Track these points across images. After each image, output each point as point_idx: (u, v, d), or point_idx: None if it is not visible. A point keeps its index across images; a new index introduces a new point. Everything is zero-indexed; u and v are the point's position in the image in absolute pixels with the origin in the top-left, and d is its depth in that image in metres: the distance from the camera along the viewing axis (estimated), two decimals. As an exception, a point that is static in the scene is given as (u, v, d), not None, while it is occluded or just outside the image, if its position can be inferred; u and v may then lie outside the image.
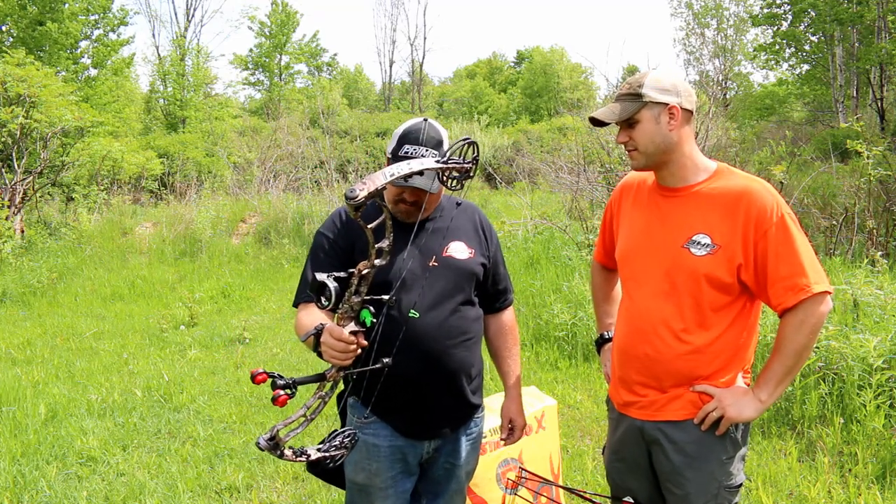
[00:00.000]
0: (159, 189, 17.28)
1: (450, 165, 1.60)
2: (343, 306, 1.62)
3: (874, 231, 6.92)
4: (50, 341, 6.66)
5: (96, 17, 21.34)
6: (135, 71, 29.80)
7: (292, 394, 1.59)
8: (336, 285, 1.58)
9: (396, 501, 2.02)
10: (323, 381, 1.67)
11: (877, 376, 3.70)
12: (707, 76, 28.51)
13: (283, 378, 1.57)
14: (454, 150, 1.62)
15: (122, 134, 20.27)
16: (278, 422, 1.60)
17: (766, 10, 22.61)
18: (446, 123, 28.55)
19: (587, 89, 39.53)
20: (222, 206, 12.72)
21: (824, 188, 8.72)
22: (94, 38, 21.69)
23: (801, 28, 21.64)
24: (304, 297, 2.01)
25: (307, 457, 1.63)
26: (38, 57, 17.02)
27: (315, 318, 1.89)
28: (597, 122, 1.91)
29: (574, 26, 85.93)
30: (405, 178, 1.68)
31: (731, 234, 1.79)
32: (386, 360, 1.69)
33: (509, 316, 2.26)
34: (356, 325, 1.62)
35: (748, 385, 1.90)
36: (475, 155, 1.64)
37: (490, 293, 2.18)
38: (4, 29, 19.06)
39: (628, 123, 1.85)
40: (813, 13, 20.25)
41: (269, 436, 1.56)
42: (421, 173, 1.56)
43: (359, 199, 1.41)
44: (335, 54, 58.67)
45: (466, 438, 2.11)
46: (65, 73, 19.39)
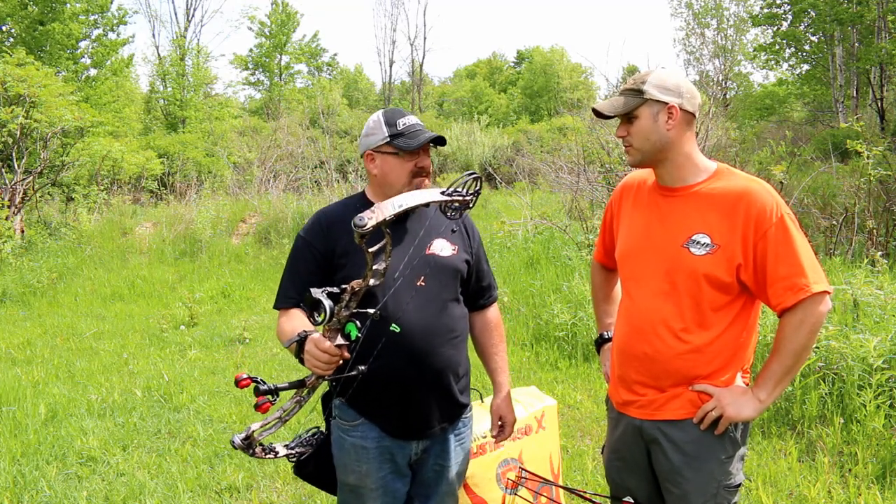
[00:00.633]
0: (159, 189, 17.29)
1: (454, 198, 1.65)
2: (332, 321, 1.64)
3: (874, 231, 6.92)
4: (50, 341, 6.66)
5: (96, 16, 21.33)
6: (135, 71, 29.82)
7: (274, 400, 1.64)
8: (331, 303, 1.61)
9: (387, 502, 2.02)
10: (302, 387, 1.72)
11: (877, 376, 3.70)
12: (707, 76, 28.52)
13: (265, 384, 1.63)
14: (459, 184, 1.66)
15: (122, 134, 20.27)
16: (254, 422, 1.65)
17: (766, 10, 22.60)
18: (446, 123, 28.60)
19: (587, 89, 39.51)
20: (222, 206, 12.72)
21: (824, 188, 8.72)
22: (93, 37, 21.68)
23: (801, 28, 21.63)
24: (284, 301, 2.00)
25: (275, 453, 1.70)
26: (39, 57, 17.01)
27: (296, 324, 1.90)
28: (599, 115, 1.93)
29: (574, 26, 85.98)
30: (419, 146, 1.88)
31: (730, 234, 1.79)
32: (361, 368, 1.72)
33: (494, 312, 2.25)
34: (342, 338, 1.65)
35: (747, 384, 1.90)
36: (478, 188, 1.69)
37: (474, 290, 2.17)
38: (5, 29, 19.06)
39: (628, 118, 1.87)
40: (813, 13, 20.24)
41: (245, 435, 1.64)
42: (427, 205, 1.62)
43: (367, 227, 1.47)
44: (335, 54, 58.66)
45: (456, 439, 2.10)
46: (65, 73, 19.38)
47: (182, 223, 11.68)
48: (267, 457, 1.69)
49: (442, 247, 2.04)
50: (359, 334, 1.64)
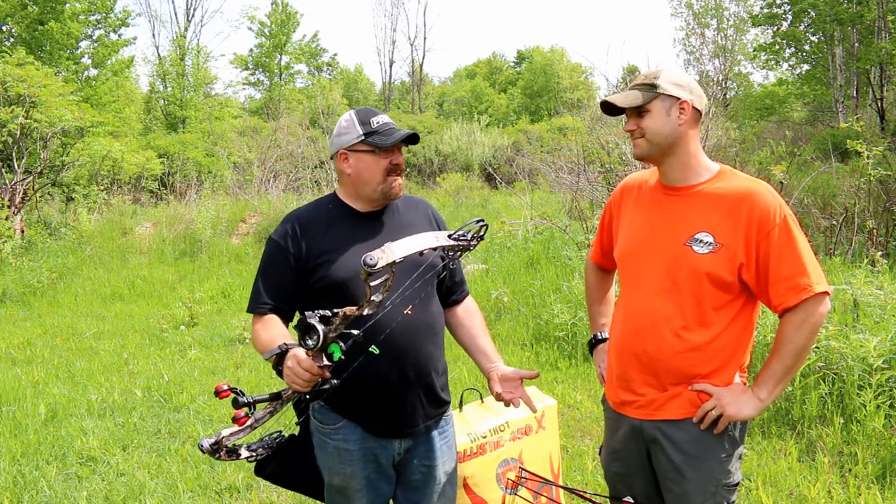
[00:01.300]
0: (159, 189, 17.29)
1: (460, 243, 1.67)
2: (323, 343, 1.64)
3: (874, 231, 6.92)
4: (50, 341, 6.66)
5: (98, 17, 21.33)
6: (135, 71, 29.75)
7: (252, 413, 1.66)
8: (324, 328, 1.60)
9: (373, 499, 2.01)
10: (278, 400, 1.72)
11: (877, 376, 3.70)
12: (707, 76, 28.49)
13: (244, 395, 1.65)
14: (467, 229, 1.69)
15: (122, 134, 20.28)
16: (224, 428, 1.66)
17: (766, 10, 22.61)
18: (446, 123, 28.60)
19: (587, 89, 39.53)
20: (222, 206, 12.72)
21: (824, 188, 8.72)
22: (94, 38, 21.68)
23: (801, 28, 21.64)
24: (259, 307, 1.98)
25: (237, 455, 1.69)
26: (39, 57, 17.02)
27: (273, 332, 1.89)
28: (607, 110, 1.93)
29: (574, 26, 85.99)
30: (395, 143, 1.91)
31: (733, 233, 1.80)
32: (334, 381, 1.71)
33: (470, 301, 2.26)
34: (325, 358, 1.63)
35: (745, 384, 1.90)
36: (482, 235, 1.72)
37: (448, 286, 2.17)
38: (5, 29, 19.06)
39: (638, 112, 1.87)
40: (813, 13, 20.25)
41: (214, 441, 1.65)
42: (435, 249, 1.64)
43: (377, 268, 1.50)
44: (335, 54, 58.63)
45: (440, 437, 2.08)
46: (65, 74, 19.38)
47: (182, 223, 11.68)
48: (230, 459, 1.68)
49: None
50: (342, 356, 1.63)
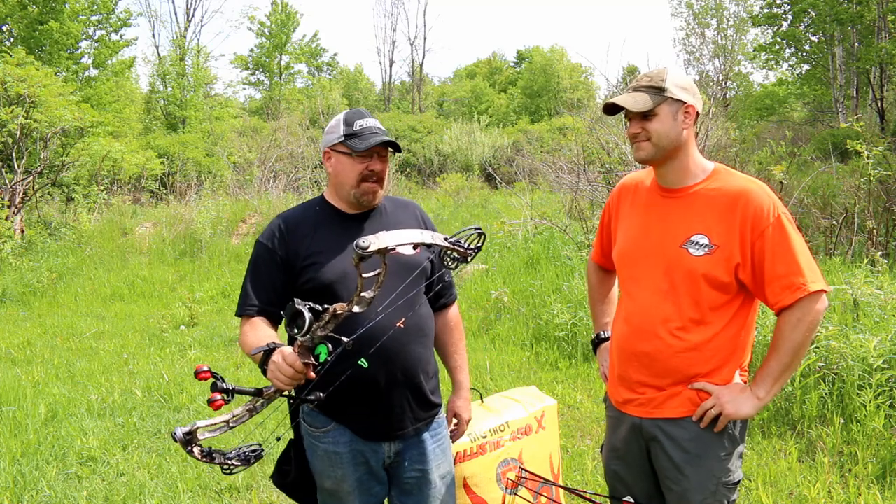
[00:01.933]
0: (159, 189, 17.29)
1: (456, 247, 1.64)
2: (306, 336, 1.62)
3: (874, 231, 6.92)
4: (50, 341, 6.66)
5: (99, 17, 21.32)
6: (135, 71, 29.76)
7: (228, 400, 1.61)
8: (311, 316, 1.58)
9: (366, 500, 2.01)
10: (259, 396, 1.69)
11: (877, 376, 3.70)
12: (707, 76, 28.52)
13: (224, 381, 1.61)
14: (463, 235, 1.66)
15: (122, 134, 20.28)
16: (200, 419, 1.63)
17: (766, 10, 22.61)
18: (446, 123, 28.59)
19: (587, 89, 39.51)
20: (222, 206, 12.72)
21: (824, 188, 8.72)
22: (95, 38, 21.67)
23: (801, 28, 21.65)
24: (247, 310, 1.98)
25: (211, 458, 1.65)
26: (39, 57, 17.02)
27: (260, 333, 1.89)
28: (610, 110, 1.92)
29: (574, 26, 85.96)
30: (367, 148, 1.89)
31: (728, 234, 1.81)
32: (320, 395, 1.69)
33: (454, 311, 2.27)
34: (312, 358, 1.62)
35: (745, 382, 1.91)
36: (479, 244, 1.68)
37: (436, 290, 2.17)
38: (5, 29, 19.06)
39: (644, 115, 1.85)
40: (813, 13, 20.25)
41: (188, 430, 1.59)
42: (429, 246, 1.62)
43: (369, 251, 1.47)
44: (335, 54, 58.64)
45: (432, 440, 2.07)
46: (65, 74, 19.37)
47: (182, 223, 11.68)
48: (203, 460, 1.65)
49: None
50: (329, 357, 1.61)
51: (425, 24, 51.17)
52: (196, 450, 1.61)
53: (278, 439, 2.02)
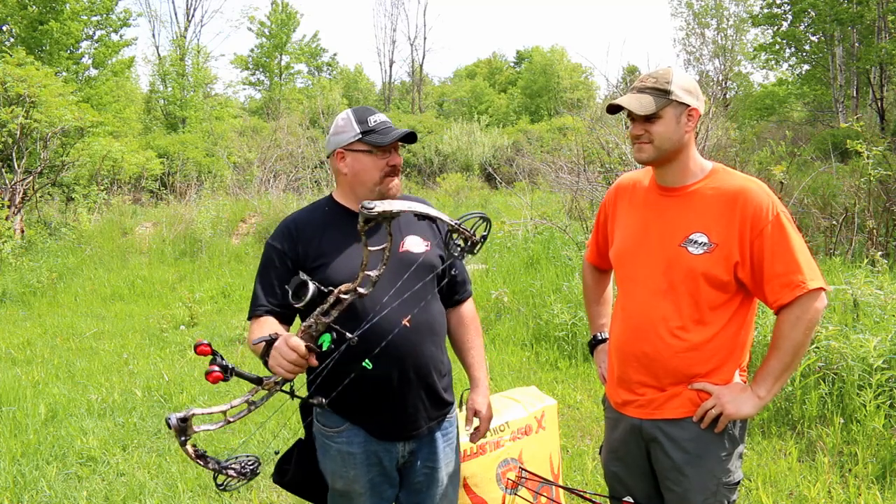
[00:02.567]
0: (159, 189, 17.29)
1: (461, 230, 1.61)
2: (309, 320, 1.60)
3: (874, 231, 6.92)
4: (50, 341, 6.66)
5: (99, 17, 21.31)
6: (135, 71, 29.74)
7: (227, 377, 1.57)
8: (315, 289, 1.56)
9: (376, 502, 2.00)
10: (258, 385, 1.65)
11: (877, 376, 3.70)
12: (707, 76, 28.48)
13: (224, 359, 1.58)
14: (468, 220, 1.62)
15: (123, 134, 20.25)
16: (197, 406, 1.58)
17: (766, 10, 22.61)
18: (446, 123, 28.58)
19: (587, 89, 39.50)
20: (222, 206, 12.72)
21: (824, 188, 8.72)
22: (95, 38, 21.67)
23: (801, 28, 21.64)
24: (257, 309, 1.96)
25: (204, 461, 1.62)
26: (39, 57, 17.01)
27: (266, 329, 1.87)
28: (613, 110, 1.92)
29: (574, 26, 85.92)
30: (392, 141, 1.88)
31: (727, 232, 1.80)
32: (324, 401, 1.67)
33: (470, 307, 2.23)
34: (314, 345, 1.60)
35: (745, 382, 1.91)
36: (485, 233, 1.65)
37: (449, 285, 2.15)
38: (5, 29, 19.05)
39: (647, 117, 1.84)
40: (813, 13, 20.25)
41: (183, 416, 1.55)
42: (433, 220, 1.61)
43: (374, 211, 1.42)
44: (335, 54, 58.58)
45: (444, 439, 2.07)
46: (65, 74, 19.37)
47: (182, 223, 11.68)
48: (196, 460, 1.61)
49: (414, 243, 2.01)
50: (331, 345, 1.59)
51: (425, 24, 51.19)
52: (190, 446, 1.56)
53: (276, 453, 2.01)
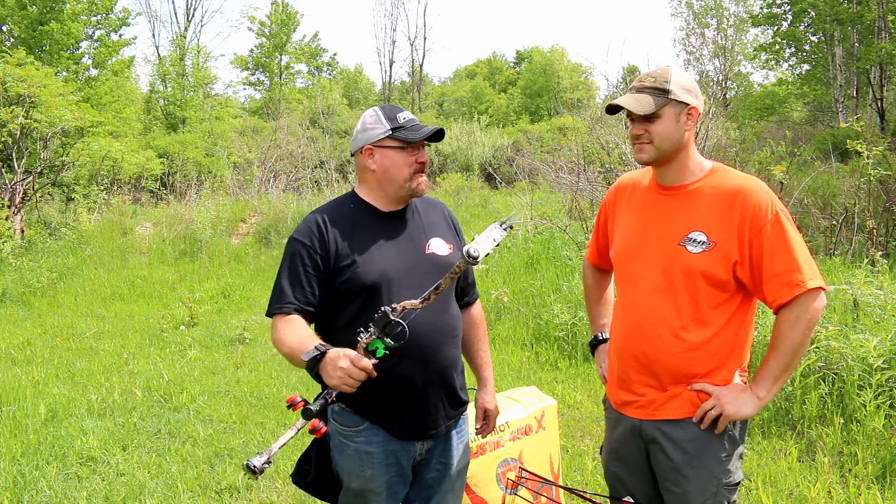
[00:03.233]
0: (159, 189, 17.29)
1: (506, 232, 1.79)
2: (369, 337, 1.69)
3: (874, 231, 6.92)
4: (50, 341, 6.66)
5: (98, 17, 21.31)
6: (135, 71, 29.71)
7: (326, 423, 1.70)
8: (402, 322, 1.69)
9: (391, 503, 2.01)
10: (326, 403, 1.73)
11: (877, 376, 3.70)
12: (707, 76, 28.48)
13: (311, 403, 1.67)
14: (514, 217, 1.82)
15: (122, 134, 20.24)
16: (274, 444, 1.64)
17: (766, 10, 22.59)
18: (446, 123, 28.57)
19: (587, 89, 39.50)
20: (222, 206, 12.72)
21: (824, 188, 8.72)
22: (95, 38, 21.66)
23: (801, 28, 21.63)
24: (284, 307, 1.90)
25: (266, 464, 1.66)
26: (39, 57, 17.01)
27: (300, 332, 1.84)
28: (612, 110, 1.92)
29: (574, 26, 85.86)
30: (423, 137, 1.93)
31: (726, 231, 1.80)
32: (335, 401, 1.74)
33: (478, 309, 2.27)
34: (374, 358, 1.68)
35: (745, 383, 1.90)
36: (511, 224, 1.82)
37: (461, 288, 2.18)
38: (5, 29, 19.05)
39: (647, 117, 1.84)
40: (813, 13, 20.24)
41: (267, 458, 1.60)
42: (498, 245, 1.77)
43: (479, 260, 1.65)
44: (335, 54, 58.59)
45: (457, 436, 2.10)
46: (65, 74, 19.37)
47: (182, 223, 11.69)
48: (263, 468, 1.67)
49: (439, 246, 2.04)
50: (386, 352, 1.66)
51: (425, 24, 51.09)
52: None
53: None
